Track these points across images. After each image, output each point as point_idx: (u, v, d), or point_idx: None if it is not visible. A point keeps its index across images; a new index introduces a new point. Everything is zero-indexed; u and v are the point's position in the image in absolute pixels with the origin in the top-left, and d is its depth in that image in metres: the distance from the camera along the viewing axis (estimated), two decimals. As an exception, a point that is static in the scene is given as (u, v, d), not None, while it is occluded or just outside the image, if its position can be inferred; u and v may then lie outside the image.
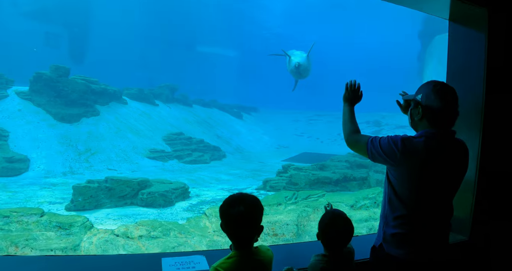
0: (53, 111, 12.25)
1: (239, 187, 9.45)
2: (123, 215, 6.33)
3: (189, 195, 8.07)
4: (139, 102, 16.31)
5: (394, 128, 22.04)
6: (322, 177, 8.90)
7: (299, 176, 8.98)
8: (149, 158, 12.32)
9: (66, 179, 9.60)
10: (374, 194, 6.53)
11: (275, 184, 9.03)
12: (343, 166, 9.82)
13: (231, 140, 19.00)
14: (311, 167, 9.60)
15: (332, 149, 20.69)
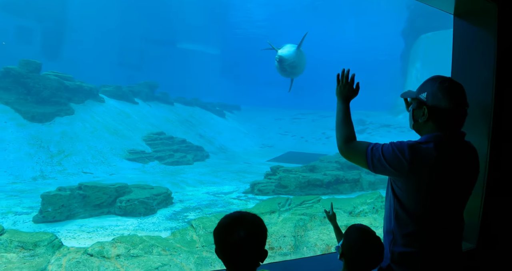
0: (22, 110, 11.36)
1: (225, 191, 8.91)
2: (99, 227, 5.69)
3: (172, 200, 7.48)
4: (117, 101, 15.48)
5: (378, 127, 21.95)
6: (313, 180, 8.48)
7: (289, 179, 8.53)
8: (128, 160, 11.60)
9: (36, 184, 8.81)
10: (372, 199, 6.13)
11: (263, 187, 8.54)
12: (334, 167, 9.43)
13: (214, 139, 18.40)
14: (301, 169, 9.16)
15: (317, 148, 20.42)
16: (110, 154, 11.46)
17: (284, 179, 8.52)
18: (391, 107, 27.44)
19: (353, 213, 5.84)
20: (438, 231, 1.50)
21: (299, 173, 8.73)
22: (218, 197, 8.16)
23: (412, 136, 1.72)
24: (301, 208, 5.86)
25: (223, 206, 7.33)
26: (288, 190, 8.44)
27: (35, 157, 10.11)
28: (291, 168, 9.15)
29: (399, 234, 1.53)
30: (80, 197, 6.26)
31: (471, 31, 2.52)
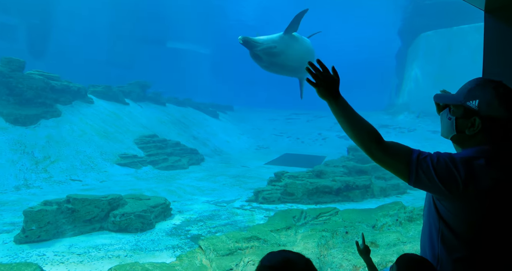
0: (4, 112, 10.53)
1: (227, 199, 8.27)
2: (91, 247, 5.00)
3: (171, 212, 6.81)
4: (107, 101, 14.68)
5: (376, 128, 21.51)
6: (321, 186, 7.90)
7: (295, 186, 7.93)
8: (120, 165, 10.86)
9: (19, 194, 8.04)
10: (395, 210, 5.58)
11: (268, 195, 7.92)
12: (341, 172, 8.88)
13: (208, 141, 17.72)
14: (307, 175, 8.58)
15: (314, 149, 19.93)
16: (100, 159, 10.70)
17: (291, 186, 7.93)
18: (387, 107, 27.13)
19: (376, 227, 5.27)
20: (493, 255, 1.31)
21: (306, 179, 8.15)
22: (220, 207, 7.52)
23: (412, 137, 1.42)
24: (318, 222, 5.27)
25: (227, 218, 6.69)
26: (295, 198, 7.86)
27: (18, 163, 9.32)
28: (297, 173, 8.56)
29: (448, 259, 1.32)
30: (68, 211, 5.56)
31: (504, 28, 2.35)
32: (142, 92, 17.49)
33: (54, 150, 10.23)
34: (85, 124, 11.86)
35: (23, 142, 10.03)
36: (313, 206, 7.62)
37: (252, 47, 5.92)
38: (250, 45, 5.91)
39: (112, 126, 12.80)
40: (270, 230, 4.79)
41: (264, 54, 6.08)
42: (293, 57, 6.45)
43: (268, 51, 6.06)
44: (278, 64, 6.38)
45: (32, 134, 10.39)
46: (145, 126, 14.45)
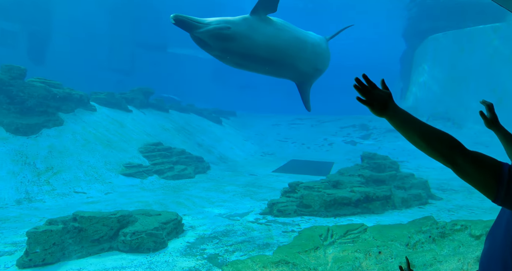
0: (5, 122, 10.13)
1: (239, 211, 7.85)
2: (101, 270, 4.58)
3: (183, 227, 6.40)
4: (110, 109, 14.30)
5: (384, 132, 21.14)
6: (339, 198, 7.50)
7: (312, 197, 7.53)
8: (125, 175, 10.45)
9: (20, 209, 7.62)
10: (428, 226, 5.17)
11: (283, 208, 7.52)
12: (358, 182, 8.47)
13: (213, 148, 17.32)
14: (324, 185, 8.17)
15: (320, 155, 19.55)
16: (104, 169, 10.29)
17: (307, 197, 7.52)
18: (392, 111, 26.74)
19: (409, 245, 4.87)
20: None
21: (322, 190, 7.74)
22: (234, 221, 7.11)
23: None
24: (347, 240, 4.87)
25: (243, 234, 6.28)
26: (312, 210, 7.45)
27: (19, 175, 8.90)
28: (313, 184, 8.15)
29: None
30: (75, 231, 5.14)
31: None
32: (145, 99, 17.13)
33: (57, 160, 9.82)
34: (88, 133, 11.46)
35: (25, 153, 9.63)
36: (332, 219, 7.23)
37: (191, 28, 4.18)
38: (187, 26, 4.17)
39: (116, 134, 12.41)
40: (297, 251, 4.39)
41: (211, 38, 4.19)
42: (266, 46, 4.45)
43: (216, 33, 4.16)
44: (237, 53, 4.41)
45: (34, 145, 9.99)
46: (149, 134, 14.06)
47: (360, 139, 21.47)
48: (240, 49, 4.43)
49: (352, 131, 23.04)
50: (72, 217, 5.32)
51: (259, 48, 4.48)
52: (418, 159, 15.49)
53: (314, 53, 5.19)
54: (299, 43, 4.90)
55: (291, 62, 4.88)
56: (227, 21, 4.37)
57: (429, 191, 8.72)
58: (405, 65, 24.55)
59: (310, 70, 5.26)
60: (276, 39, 4.63)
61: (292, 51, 4.79)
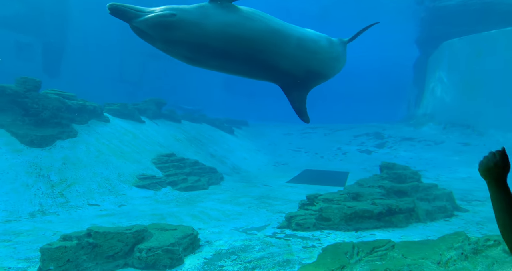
0: (19, 133, 10.12)
1: (256, 225, 7.61)
2: (116, 290, 4.39)
3: (199, 242, 6.18)
4: (123, 120, 14.28)
5: (399, 140, 20.71)
6: (360, 211, 7.20)
7: (332, 210, 7.25)
8: (138, 187, 10.32)
9: (34, 223, 7.50)
10: (459, 242, 4.87)
11: (302, 221, 7.25)
12: (378, 194, 8.16)
13: (226, 158, 17.15)
14: (343, 197, 7.89)
15: (335, 165, 19.21)
16: (118, 181, 10.18)
17: (326, 210, 7.25)
18: (406, 119, 26.34)
19: (441, 263, 4.56)
20: None
21: (342, 203, 7.46)
22: (251, 235, 6.86)
23: (440, 150, 0.95)
24: (374, 258, 4.58)
25: (261, 249, 6.03)
26: (332, 224, 7.16)
27: (33, 187, 8.83)
28: (332, 196, 7.87)
29: None
30: (89, 246, 4.97)
31: None
32: (157, 109, 17.13)
33: (71, 172, 9.74)
34: (101, 144, 11.40)
35: (39, 164, 9.58)
36: (353, 233, 6.93)
37: (130, 18, 3.55)
38: (126, 15, 3.55)
39: (129, 145, 12.33)
40: (319, 270, 4.13)
41: (151, 27, 3.53)
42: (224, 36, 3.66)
43: (157, 22, 3.48)
44: (183, 43, 3.63)
45: (48, 156, 9.94)
46: (162, 145, 13.96)
47: (374, 148, 21.08)
48: (187, 39, 3.58)
49: (366, 140, 22.67)
50: (87, 233, 5.16)
51: (213, 38, 3.63)
52: (437, 168, 15.09)
53: (304, 51, 4.20)
54: (275, 36, 3.92)
55: (264, 59, 3.86)
56: (174, 8, 3.67)
57: (454, 202, 8.36)
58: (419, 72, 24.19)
59: (299, 71, 4.22)
60: (239, 29, 3.75)
61: (263, 45, 3.82)
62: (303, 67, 4.25)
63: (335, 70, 4.76)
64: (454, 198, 8.48)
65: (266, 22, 3.93)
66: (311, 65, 4.34)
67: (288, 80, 4.24)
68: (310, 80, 4.44)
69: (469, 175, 13.64)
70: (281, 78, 4.22)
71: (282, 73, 4.11)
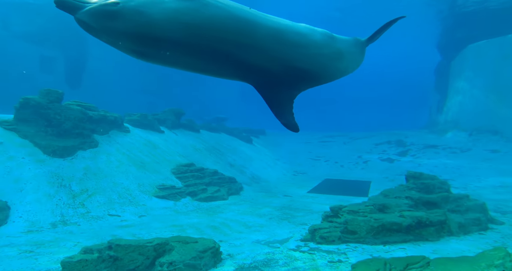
0: (42, 144, 10.25)
1: (279, 237, 7.37)
2: (137, 307, 4.23)
3: (221, 256, 5.99)
4: (143, 130, 14.35)
5: (422, 148, 20.10)
6: (388, 223, 6.87)
7: (357, 222, 6.95)
8: (158, 197, 10.25)
9: (55, 233, 7.49)
10: (500, 259, 4.51)
11: (326, 234, 6.97)
12: (406, 205, 7.80)
13: (245, 168, 16.98)
14: (369, 209, 7.57)
15: (355, 174, 18.77)
16: (138, 191, 10.14)
17: (352, 223, 6.95)
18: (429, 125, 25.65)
19: (482, 283, 4.23)
20: None
21: (369, 215, 7.15)
22: (273, 248, 6.63)
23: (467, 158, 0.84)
24: (408, 276, 4.29)
25: (285, 264, 5.79)
26: (358, 237, 6.86)
27: (55, 198, 8.87)
28: (357, 208, 7.57)
29: None
30: (110, 260, 4.86)
31: None
32: (176, 119, 17.20)
33: (92, 182, 9.77)
34: (122, 154, 11.44)
35: (61, 175, 9.64)
36: (381, 247, 6.60)
37: (74, 10, 3.18)
38: (69, 7, 3.18)
39: (149, 155, 12.34)
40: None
41: (94, 18, 3.15)
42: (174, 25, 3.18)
43: (99, 11, 3.10)
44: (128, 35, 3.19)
45: (70, 167, 10.01)
46: (181, 155, 13.93)
47: (397, 156, 20.53)
48: (131, 30, 3.17)
49: (387, 148, 22.13)
50: (108, 245, 5.06)
51: (160, 28, 3.18)
52: (464, 177, 14.51)
53: (282, 44, 3.58)
54: (240, 25, 3.37)
55: (225, 51, 3.31)
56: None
57: (488, 214, 7.92)
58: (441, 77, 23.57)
59: (276, 68, 3.56)
60: (192, 16, 3.25)
61: (224, 35, 3.28)
62: (281, 62, 3.59)
63: (334, 70, 4.02)
64: (487, 209, 8.04)
65: (228, 9, 3.44)
66: (294, 61, 3.66)
67: (263, 78, 3.64)
68: (294, 79, 3.78)
69: (501, 184, 13.02)
70: (253, 76, 3.60)
71: (253, 69, 3.51)
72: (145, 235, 7.53)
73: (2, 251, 6.25)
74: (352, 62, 4.21)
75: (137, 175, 10.87)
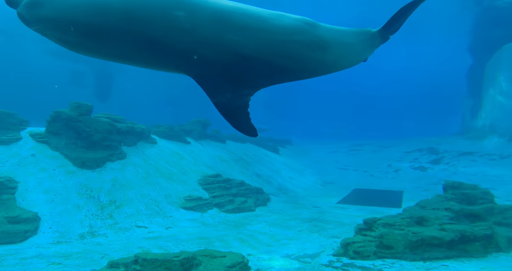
0: (72, 156, 10.41)
1: (309, 251, 7.03)
2: None
3: None
4: (170, 141, 14.42)
5: (457, 155, 19.17)
6: (427, 237, 6.40)
7: (394, 236, 6.52)
8: (185, 209, 10.14)
9: (83, 245, 7.47)
10: None
11: (360, 249, 6.57)
12: (446, 217, 7.28)
13: (272, 178, 16.70)
14: (405, 222, 7.11)
15: (386, 183, 18.08)
16: (165, 203, 10.07)
17: (388, 236, 6.53)
18: (463, 132, 24.53)
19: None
20: None
21: (406, 228, 6.70)
22: (304, 263, 6.30)
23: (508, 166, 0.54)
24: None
25: (318, 280, 5.45)
26: (395, 252, 6.42)
27: (84, 209, 8.91)
28: (392, 220, 7.13)
29: None
30: (136, 275, 4.70)
31: None
32: (202, 130, 17.22)
33: (120, 193, 9.79)
34: (149, 165, 11.46)
35: (90, 186, 9.72)
36: (421, 263, 6.14)
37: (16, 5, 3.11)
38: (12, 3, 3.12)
39: (176, 166, 12.32)
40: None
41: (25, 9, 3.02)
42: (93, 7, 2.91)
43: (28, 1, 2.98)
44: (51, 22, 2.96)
45: (98, 178, 10.09)
46: (208, 166, 13.85)
47: (429, 164, 19.67)
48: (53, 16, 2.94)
49: (419, 156, 21.28)
50: (134, 259, 4.92)
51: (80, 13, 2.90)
52: (506, 185, 13.62)
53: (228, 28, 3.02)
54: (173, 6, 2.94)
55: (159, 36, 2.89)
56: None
57: (538, 228, 7.26)
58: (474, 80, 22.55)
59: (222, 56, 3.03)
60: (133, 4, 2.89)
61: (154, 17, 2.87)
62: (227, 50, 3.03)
63: (312, 62, 3.43)
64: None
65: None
66: (244, 48, 3.06)
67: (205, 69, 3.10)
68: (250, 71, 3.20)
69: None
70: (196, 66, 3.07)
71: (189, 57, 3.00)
72: (172, 248, 7.39)
73: (31, 262, 6.26)
74: (347, 54, 3.69)
75: (164, 186, 10.83)
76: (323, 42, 3.38)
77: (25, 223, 7.78)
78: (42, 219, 8.20)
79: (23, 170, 9.39)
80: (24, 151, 10.10)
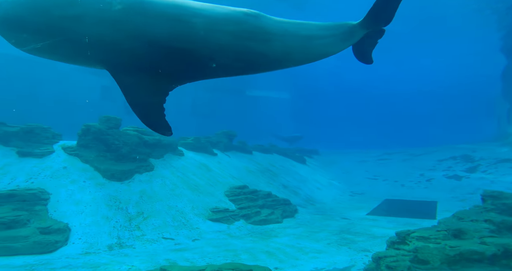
0: (101, 168, 10.65)
1: (339, 265, 6.77)
2: None
3: (277, 286, 5.55)
4: (196, 153, 14.52)
5: (494, 163, 18.20)
6: (466, 252, 5.99)
7: (429, 250, 6.15)
8: (212, 220, 10.08)
9: (111, 256, 7.53)
10: None
11: (394, 263, 6.23)
12: (486, 230, 6.82)
13: (299, 189, 16.44)
14: (441, 235, 6.72)
15: (418, 193, 17.39)
16: (191, 214, 10.06)
17: (423, 251, 6.17)
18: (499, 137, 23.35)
19: None
20: None
21: (442, 242, 6.32)
22: (334, 278, 6.05)
23: None
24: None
25: (349, 297, 5.20)
26: (431, 268, 6.04)
27: (112, 220, 9.03)
28: (427, 233, 6.76)
29: None
30: (162, 288, 4.64)
31: None
32: (229, 142, 17.27)
33: (147, 205, 9.87)
34: (176, 177, 11.54)
35: (118, 198, 9.87)
36: (461, 279, 5.74)
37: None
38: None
39: (203, 178, 12.34)
40: None
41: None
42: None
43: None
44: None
45: (127, 190, 10.24)
46: (234, 177, 13.81)
47: (465, 172, 18.77)
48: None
49: (453, 164, 20.38)
50: None
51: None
52: (551, 197, 12.69)
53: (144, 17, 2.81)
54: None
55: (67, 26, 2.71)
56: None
57: None
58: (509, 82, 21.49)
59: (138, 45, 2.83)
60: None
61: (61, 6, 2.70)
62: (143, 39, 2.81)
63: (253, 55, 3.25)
64: None
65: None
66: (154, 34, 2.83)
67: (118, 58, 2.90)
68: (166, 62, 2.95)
69: None
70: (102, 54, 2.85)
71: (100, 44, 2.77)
72: (199, 260, 7.32)
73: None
74: (305, 48, 3.50)
75: (191, 197, 10.85)
76: (265, 34, 3.22)
77: (56, 233, 7.95)
78: (72, 230, 8.36)
79: (55, 182, 9.67)
80: (56, 163, 10.43)
